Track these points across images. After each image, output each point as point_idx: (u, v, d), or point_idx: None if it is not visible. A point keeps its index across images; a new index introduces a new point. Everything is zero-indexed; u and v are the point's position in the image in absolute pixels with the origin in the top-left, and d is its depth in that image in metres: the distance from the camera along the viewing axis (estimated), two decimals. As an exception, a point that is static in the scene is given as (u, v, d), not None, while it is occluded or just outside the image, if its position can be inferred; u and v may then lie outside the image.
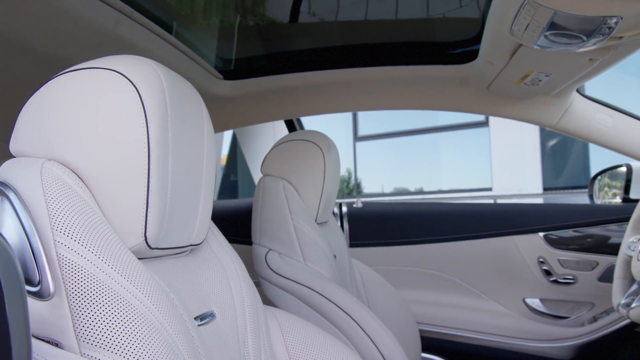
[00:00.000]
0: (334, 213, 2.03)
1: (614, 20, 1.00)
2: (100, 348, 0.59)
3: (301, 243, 1.43)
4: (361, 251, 1.98)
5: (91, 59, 0.74)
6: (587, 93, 1.70)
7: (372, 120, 8.82)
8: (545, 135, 7.00)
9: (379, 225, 2.00)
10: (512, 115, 1.69)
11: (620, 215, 1.80)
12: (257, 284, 1.49)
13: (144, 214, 0.69)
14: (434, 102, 1.73)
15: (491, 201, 6.44)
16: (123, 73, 0.70)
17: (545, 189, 7.07)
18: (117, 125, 0.68)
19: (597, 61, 1.27)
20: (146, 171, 0.69)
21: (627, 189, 1.89)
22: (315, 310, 1.34)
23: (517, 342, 1.85)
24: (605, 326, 1.76)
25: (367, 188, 9.31)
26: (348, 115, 8.71)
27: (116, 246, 0.66)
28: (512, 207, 1.94)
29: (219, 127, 1.90)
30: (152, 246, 0.71)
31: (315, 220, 1.53)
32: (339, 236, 1.70)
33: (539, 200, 6.91)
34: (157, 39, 1.32)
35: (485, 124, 7.54)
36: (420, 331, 1.85)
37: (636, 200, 1.79)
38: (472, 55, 1.54)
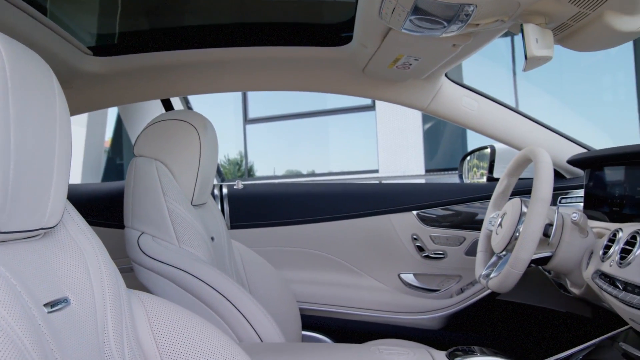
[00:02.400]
0: (213, 195, 2.00)
1: (471, 8, 1.05)
2: None
3: (175, 225, 1.40)
4: (242, 232, 1.97)
5: None
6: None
7: (262, 103, 8.79)
8: (427, 119, 7.33)
9: (260, 207, 2.00)
10: (387, 98, 1.75)
11: (484, 193, 1.92)
12: (131, 269, 1.45)
13: None
14: (311, 83, 1.75)
15: (376, 182, 6.66)
16: None
17: (427, 171, 7.43)
18: None
19: (460, 47, 1.34)
20: None
21: (491, 168, 2.02)
22: (190, 293, 1.32)
23: (392, 315, 1.94)
24: (471, 296, 1.88)
25: (259, 171, 9.29)
26: (238, 98, 8.61)
27: None
28: (387, 187, 2.02)
29: (89, 106, 1.80)
30: None
31: (192, 202, 1.50)
32: (218, 218, 1.68)
33: (421, 182, 7.24)
34: (18, 11, 1.22)
35: (372, 107, 7.76)
36: (301, 310, 1.88)
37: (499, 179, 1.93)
38: (347, 38, 1.57)
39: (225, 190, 2.02)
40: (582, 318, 1.86)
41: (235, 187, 2.03)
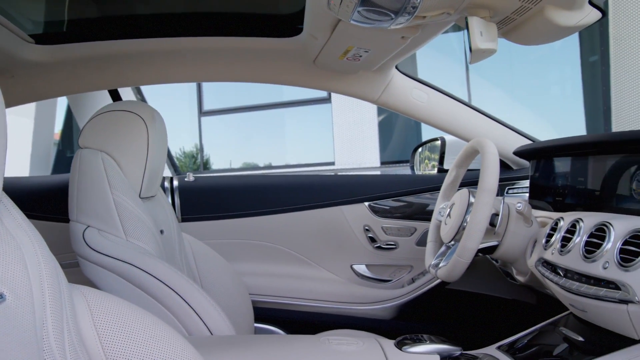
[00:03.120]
0: (163, 187, 1.97)
1: (417, 0, 1.06)
2: None
3: (122, 218, 1.37)
4: (193, 225, 1.95)
5: None
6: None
7: (217, 95, 8.69)
8: (382, 112, 7.39)
9: (212, 199, 1.98)
10: (338, 90, 1.76)
11: (434, 185, 1.95)
12: (77, 264, 1.41)
13: None
14: (262, 74, 1.74)
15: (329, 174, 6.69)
16: None
17: (382, 163, 7.50)
18: None
19: (409, 39, 1.35)
20: None
21: (441, 160, 2.05)
22: (138, 287, 1.30)
23: (345, 306, 1.95)
24: (422, 286, 1.92)
25: (215, 164, 9.19)
26: (193, 90, 8.49)
27: None
28: (339, 178, 2.03)
29: (33, 96, 1.74)
30: None
31: (140, 195, 1.47)
32: (168, 211, 1.66)
33: (377, 174, 7.31)
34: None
35: (327, 100, 7.77)
36: (253, 302, 1.88)
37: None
38: (298, 29, 1.56)
39: (175, 183, 1.99)
40: (528, 305, 1.91)
41: (186, 179, 2.01)
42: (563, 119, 7.74)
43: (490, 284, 1.95)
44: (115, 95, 2.06)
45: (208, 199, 1.98)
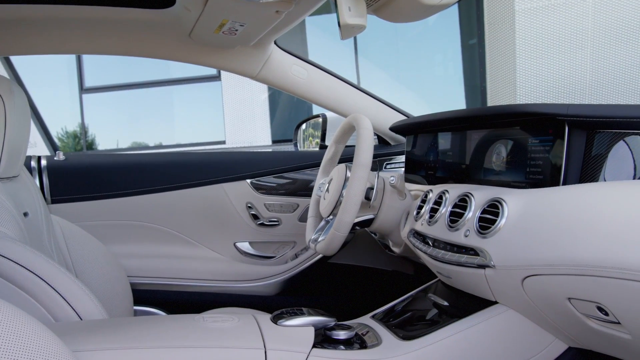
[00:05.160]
0: (29, 167, 1.83)
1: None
2: None
3: (-24, 201, 1.26)
4: (65, 207, 1.83)
5: None
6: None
7: (100, 71, 8.23)
8: (273, 90, 7.37)
9: (85, 179, 1.87)
10: (216, 65, 1.72)
11: (316, 161, 1.97)
12: None
13: None
14: (135, 47, 1.66)
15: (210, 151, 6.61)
16: None
17: (274, 142, 7.50)
18: None
19: (283, 13, 1.34)
20: None
21: (323, 137, 2.08)
22: (-4, 274, 1.20)
23: (229, 284, 1.94)
24: (305, 261, 1.94)
25: (101, 144, 8.74)
26: (72, 64, 7.98)
27: None
28: (220, 156, 1.99)
29: None
30: None
31: None
32: (33, 192, 1.54)
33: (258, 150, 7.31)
34: None
35: (217, 77, 7.63)
36: (133, 284, 1.81)
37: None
38: (171, 1, 1.50)
39: (44, 162, 1.86)
40: (406, 275, 2.00)
41: (55, 158, 1.88)
42: (446, 98, 8.14)
43: (370, 257, 2.02)
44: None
45: (80, 178, 1.87)
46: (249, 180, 1.94)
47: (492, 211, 1.10)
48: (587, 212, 0.89)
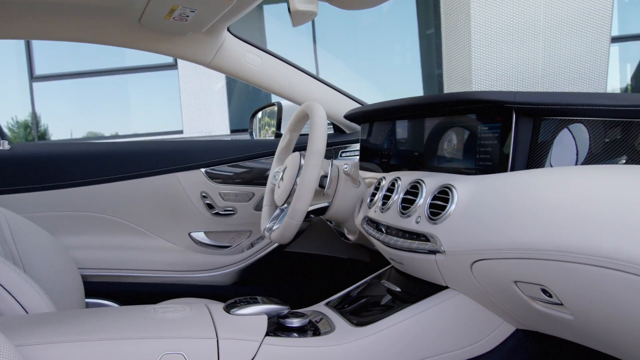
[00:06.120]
0: None
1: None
2: None
3: None
4: (10, 198, 1.77)
5: None
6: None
7: (52, 59, 7.98)
8: (231, 79, 7.29)
9: (32, 169, 1.81)
10: (168, 52, 1.68)
11: (271, 149, 1.96)
12: None
13: None
14: (85, 33, 1.61)
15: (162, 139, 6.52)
16: None
17: (232, 131, 7.44)
18: None
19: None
20: None
21: (279, 125, 2.07)
22: None
23: (184, 275, 1.91)
24: (261, 250, 1.94)
25: (55, 134, 8.49)
26: (21, 51, 7.72)
27: None
28: (174, 144, 1.96)
29: None
30: None
31: None
32: (-24, 183, 1.49)
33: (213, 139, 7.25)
34: None
35: (174, 66, 7.50)
36: (85, 277, 1.77)
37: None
38: (118, -16, 1.46)
39: None
40: (362, 262, 2.02)
41: (0, 147, 1.81)
42: (405, 87, 8.22)
43: (327, 245, 2.02)
44: None
45: (27, 168, 1.81)
46: (203, 169, 1.91)
47: (442, 197, 1.12)
48: (532, 197, 0.91)
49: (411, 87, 8.06)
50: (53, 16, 1.55)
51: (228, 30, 1.71)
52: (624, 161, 0.98)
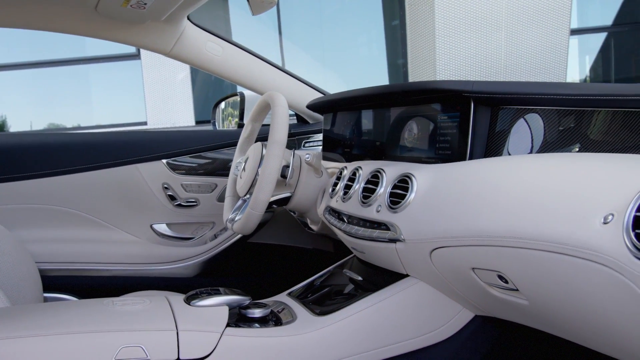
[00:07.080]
0: None
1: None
2: None
3: None
4: None
5: None
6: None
7: (8, 47, 7.74)
8: (195, 69, 7.20)
9: None
10: (126, 40, 1.65)
11: (234, 140, 1.94)
12: None
13: None
14: (40, 21, 1.56)
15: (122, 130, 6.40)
16: None
17: (197, 122, 7.35)
18: None
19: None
20: None
21: (242, 115, 2.05)
22: None
23: (146, 267, 1.89)
24: (224, 241, 1.92)
25: (13, 126, 8.26)
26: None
27: None
28: (134, 135, 1.92)
29: None
30: None
31: None
32: None
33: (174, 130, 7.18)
34: None
35: (137, 56, 7.36)
36: (42, 271, 1.72)
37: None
38: (74, -29, 1.42)
39: None
40: (326, 252, 2.02)
41: (-48, 139, 1.76)
42: (370, 78, 8.25)
43: (290, 236, 2.02)
44: None
45: None
46: (164, 160, 1.88)
47: (402, 186, 1.12)
48: (488, 185, 0.92)
49: (377, 77, 8.10)
50: (4, 2, 1.50)
51: (188, 18, 1.69)
52: (577, 149, 1.00)
